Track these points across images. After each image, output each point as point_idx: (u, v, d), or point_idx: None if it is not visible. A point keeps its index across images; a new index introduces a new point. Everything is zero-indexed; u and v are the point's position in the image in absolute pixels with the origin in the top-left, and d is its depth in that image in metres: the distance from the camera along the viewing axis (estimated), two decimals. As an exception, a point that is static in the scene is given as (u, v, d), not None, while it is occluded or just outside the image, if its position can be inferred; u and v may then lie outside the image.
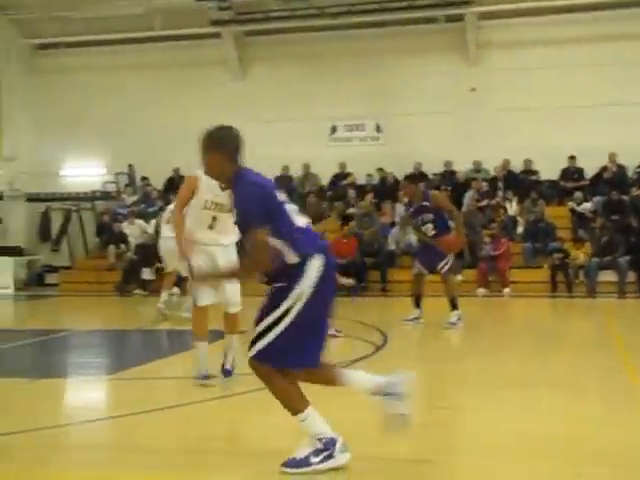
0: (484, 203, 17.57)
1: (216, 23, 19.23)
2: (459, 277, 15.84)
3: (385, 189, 18.61)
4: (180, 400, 6.19)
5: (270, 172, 19.34)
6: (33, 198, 20.86)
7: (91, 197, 20.15)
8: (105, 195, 20.36)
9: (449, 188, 17.99)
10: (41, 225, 20.45)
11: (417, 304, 10.75)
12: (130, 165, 20.39)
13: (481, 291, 15.42)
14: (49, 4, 19.66)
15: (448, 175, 18.75)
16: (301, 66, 19.65)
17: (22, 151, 20.66)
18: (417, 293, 10.81)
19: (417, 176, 11.19)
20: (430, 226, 10.29)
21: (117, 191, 20.24)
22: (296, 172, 19.60)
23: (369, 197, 18.09)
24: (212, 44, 20.00)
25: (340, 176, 19.27)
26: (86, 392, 7.04)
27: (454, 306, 10.48)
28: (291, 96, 19.59)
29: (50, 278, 19.43)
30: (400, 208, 17.49)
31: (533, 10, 18.31)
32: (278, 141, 19.44)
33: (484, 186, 18.02)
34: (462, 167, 18.73)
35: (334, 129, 19.88)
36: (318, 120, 19.55)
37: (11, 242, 19.74)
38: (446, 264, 10.35)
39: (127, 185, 20.21)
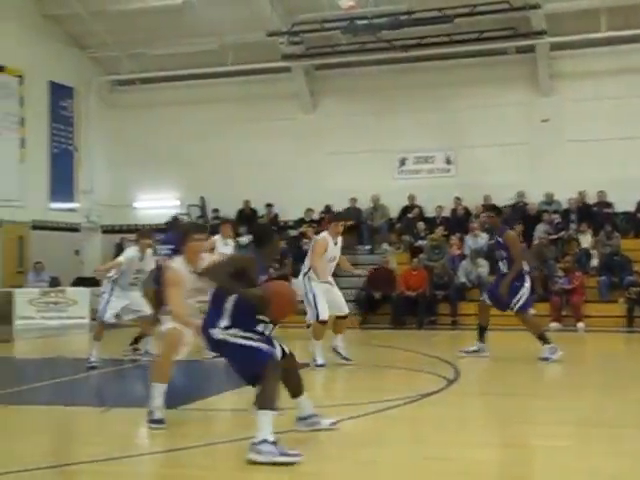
0: (556, 236, 17.27)
1: (287, 57, 19.51)
2: (531, 311, 15.57)
3: (455, 221, 18.46)
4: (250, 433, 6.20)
5: (339, 204, 19.72)
6: (108, 230, 21.38)
7: (164, 229, 20.46)
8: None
9: (520, 224, 17.74)
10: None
11: (480, 336, 10.55)
12: (202, 197, 20.73)
13: (554, 325, 15.09)
14: (126, 42, 20.30)
15: (519, 207, 18.51)
16: (370, 99, 19.77)
17: (98, 184, 21.23)
18: (481, 324, 10.61)
19: (499, 210, 11.11)
20: (504, 263, 10.17)
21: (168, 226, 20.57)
22: (365, 204, 19.61)
23: (439, 229, 17.97)
24: (283, 78, 20.30)
25: (409, 208, 19.20)
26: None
27: (544, 341, 10.21)
28: (360, 128, 19.70)
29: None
30: (470, 240, 17.35)
31: (604, 40, 18.05)
32: (347, 173, 19.55)
33: (556, 218, 17.73)
34: (534, 199, 18.48)
35: (403, 161, 19.87)
36: (387, 152, 19.61)
37: (87, 273, 20.21)
38: (518, 301, 10.12)
39: (199, 217, 20.51)
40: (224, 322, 5.53)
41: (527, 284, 10.23)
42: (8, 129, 18.71)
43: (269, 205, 20.13)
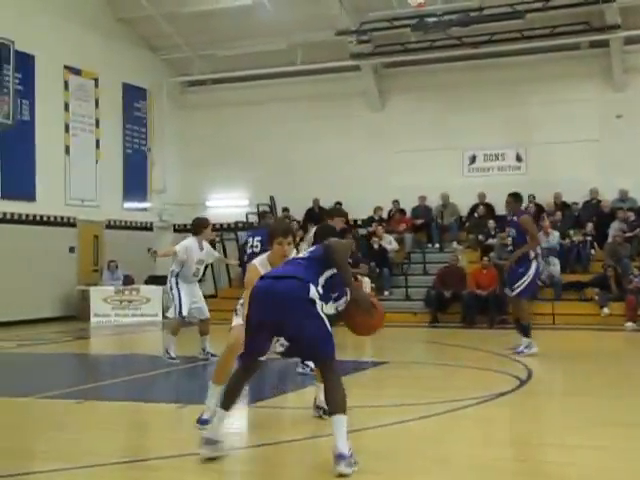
0: (631, 234, 16.86)
1: (356, 56, 19.51)
2: (606, 310, 15.27)
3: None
4: (326, 430, 6.23)
5: (408, 202, 19.59)
6: (180, 229, 21.73)
7: (234, 228, 20.73)
8: (248, 226, 20.90)
9: (594, 221, 17.40)
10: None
11: (525, 333, 10.51)
12: (271, 196, 20.89)
13: (629, 325, 14.75)
14: (197, 43, 20.61)
15: (593, 205, 18.14)
16: (440, 96, 19.63)
17: (170, 184, 21.60)
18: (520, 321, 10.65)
19: (518, 196, 11.51)
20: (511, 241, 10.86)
21: (258, 222, 20.74)
22: (434, 202, 19.51)
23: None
24: (352, 77, 20.32)
25: (479, 206, 19.00)
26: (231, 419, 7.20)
27: (525, 334, 10.25)
28: (430, 126, 19.58)
29: (195, 306, 20.13)
30: (541, 239, 17.07)
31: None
32: (416, 171, 19.46)
33: (631, 216, 17.31)
34: (608, 196, 18.09)
35: (473, 159, 19.68)
36: (456, 150, 19.46)
37: (160, 271, 20.58)
38: (519, 287, 10.28)
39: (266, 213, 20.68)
40: (318, 289, 5.11)
41: (532, 272, 10.34)
42: (85, 131, 19.18)
43: (338, 203, 20.16)
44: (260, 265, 6.02)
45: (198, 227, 10.16)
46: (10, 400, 7.72)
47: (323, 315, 5.05)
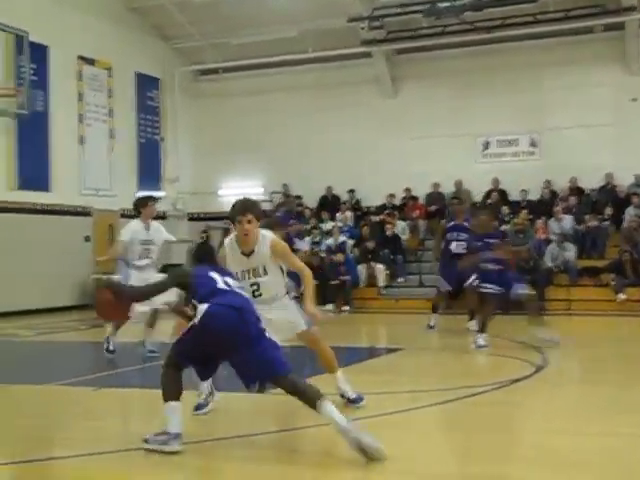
0: (647, 218, 16.75)
1: (367, 43, 19.45)
2: (622, 296, 15.20)
3: (540, 205, 18.12)
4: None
5: (422, 189, 19.55)
6: (194, 217, 21.80)
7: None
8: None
9: (610, 206, 17.32)
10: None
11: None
12: (285, 184, 20.91)
13: (646, 311, 14.69)
14: (209, 32, 20.58)
15: (608, 190, 18.04)
16: (453, 82, 19.55)
17: (184, 172, 21.65)
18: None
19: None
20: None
21: (270, 210, 20.76)
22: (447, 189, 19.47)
23: (523, 213, 17.66)
24: (363, 64, 20.25)
25: (492, 192, 18.94)
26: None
27: (482, 329, 10.09)
28: (443, 112, 19.51)
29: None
30: (554, 224, 17.03)
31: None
32: (429, 158, 19.42)
33: (646, 201, 17.20)
34: (623, 181, 17.99)
35: (487, 145, 19.61)
36: (470, 136, 19.39)
37: (175, 259, 20.65)
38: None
39: (281, 204, 20.70)
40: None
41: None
42: (98, 120, 19.24)
43: (351, 191, 20.19)
44: (228, 246, 6.07)
45: (136, 207, 9.74)
46: (32, 387, 7.79)
47: None
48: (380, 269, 17.43)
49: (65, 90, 18.15)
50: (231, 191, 21.67)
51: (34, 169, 17.14)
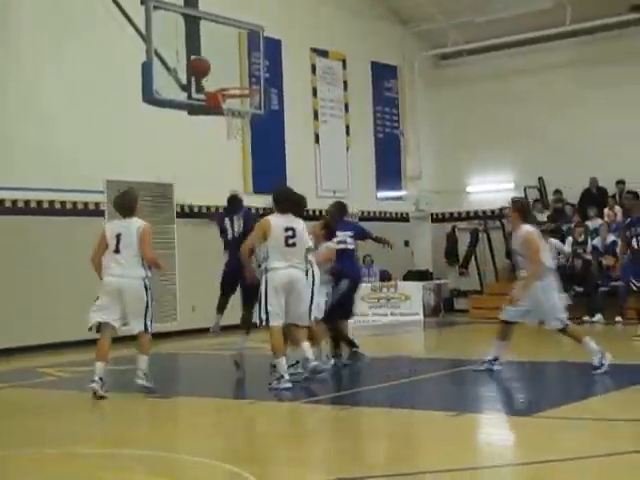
0: None
1: (637, 8, 18.40)
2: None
3: None
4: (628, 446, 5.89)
5: None
6: (439, 218, 21.76)
7: (499, 215, 20.36)
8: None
9: None
10: (448, 246, 21.20)
11: None
12: (540, 178, 20.29)
13: None
14: (451, 11, 20.39)
15: None
16: None
17: (426, 169, 21.68)
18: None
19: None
20: None
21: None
22: None
23: None
24: (632, 33, 19.17)
25: None
26: (505, 431, 7.04)
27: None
28: None
29: (459, 303, 20.10)
30: None
31: None
32: None
33: None
34: None
35: None
36: None
37: (419, 265, 20.75)
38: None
39: (536, 200, 20.10)
40: None
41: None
42: (334, 116, 19.74)
43: (620, 182, 19.13)
44: None
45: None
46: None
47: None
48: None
49: (299, 85, 18.81)
50: (480, 187, 21.42)
51: (269, 171, 17.79)
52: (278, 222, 8.84)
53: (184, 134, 15.73)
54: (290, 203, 9.07)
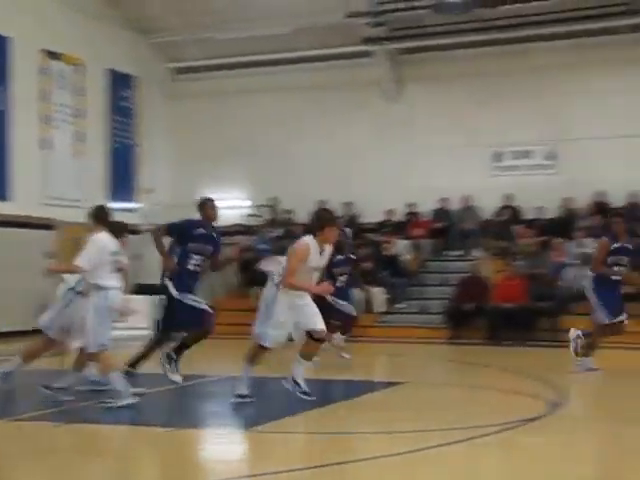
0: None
1: (368, 41, 19.53)
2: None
3: (559, 224, 18.13)
4: (334, 458, 6.22)
5: (426, 205, 19.51)
6: (171, 232, 21.68)
7: (231, 232, 20.63)
8: (247, 229, 20.85)
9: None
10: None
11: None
12: (273, 197, 20.84)
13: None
14: (191, 26, 20.56)
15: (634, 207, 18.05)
16: (463, 86, 19.62)
17: (160, 182, 21.58)
18: None
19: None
20: None
21: (259, 225, 20.72)
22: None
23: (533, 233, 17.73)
24: (363, 64, 20.31)
25: (505, 209, 18.96)
26: (225, 446, 7.18)
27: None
28: (451, 119, 19.57)
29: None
30: (573, 246, 17.03)
31: None
32: (435, 169, 19.47)
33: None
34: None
35: (499, 156, 19.65)
36: (481, 146, 19.43)
37: (149, 279, 20.52)
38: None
39: (269, 219, 20.67)
40: None
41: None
42: (66, 122, 19.18)
43: (348, 204, 20.05)
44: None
45: None
46: None
47: None
48: (378, 293, 17.42)
49: (27, 87, 18.09)
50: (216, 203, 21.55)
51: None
52: None
53: None
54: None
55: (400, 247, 18.66)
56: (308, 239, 8.31)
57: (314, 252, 8.25)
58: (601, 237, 11.36)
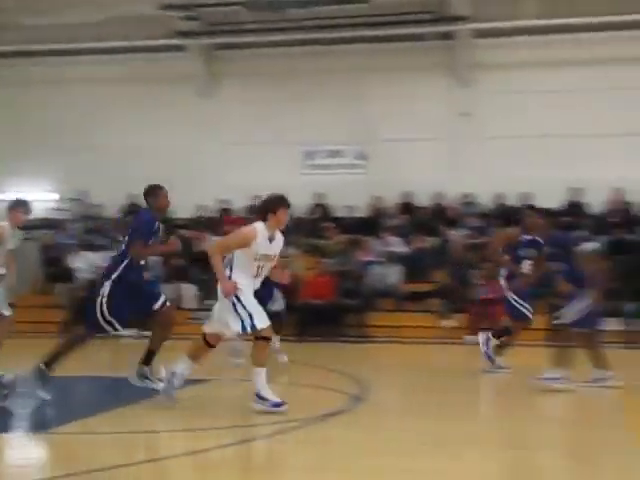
0: (476, 241, 17.49)
1: (182, 35, 19.34)
2: (447, 322, 15.87)
3: (367, 222, 18.62)
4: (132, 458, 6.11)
5: (239, 201, 19.53)
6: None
7: (35, 226, 19.88)
8: (53, 223, 20.17)
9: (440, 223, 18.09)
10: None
11: None
12: (82, 191, 20.27)
13: (470, 339, 15.32)
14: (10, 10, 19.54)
15: (439, 208, 18.77)
16: (276, 84, 19.78)
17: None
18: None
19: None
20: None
21: (63, 220, 20.11)
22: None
23: (340, 231, 18.13)
24: (177, 57, 20.12)
25: (316, 207, 19.27)
26: (23, 449, 6.92)
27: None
28: (264, 117, 19.68)
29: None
30: (379, 244, 17.54)
31: (531, 29, 18.50)
32: (248, 166, 19.52)
33: (475, 221, 18.03)
34: (454, 199, 18.80)
35: (311, 155, 19.95)
36: (294, 144, 19.67)
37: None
38: None
39: (77, 213, 20.10)
40: None
41: None
42: None
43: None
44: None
45: None
46: None
47: None
48: (189, 290, 17.28)
49: None
50: (16, 195, 20.69)
51: None
52: None
53: None
54: None
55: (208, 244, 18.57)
56: (257, 224, 7.86)
57: (262, 238, 7.76)
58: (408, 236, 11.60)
